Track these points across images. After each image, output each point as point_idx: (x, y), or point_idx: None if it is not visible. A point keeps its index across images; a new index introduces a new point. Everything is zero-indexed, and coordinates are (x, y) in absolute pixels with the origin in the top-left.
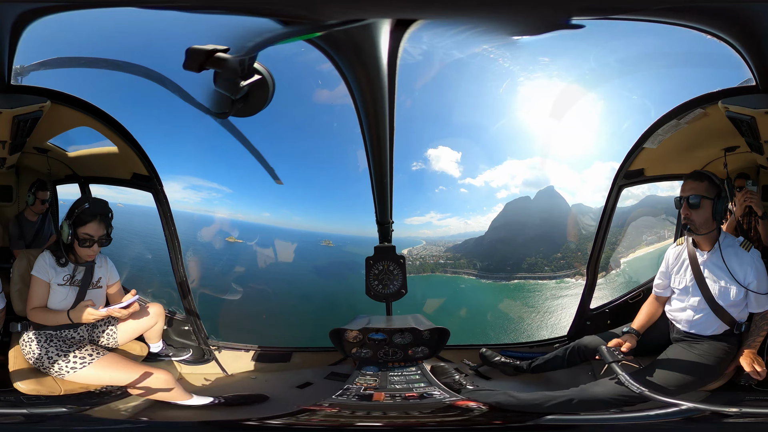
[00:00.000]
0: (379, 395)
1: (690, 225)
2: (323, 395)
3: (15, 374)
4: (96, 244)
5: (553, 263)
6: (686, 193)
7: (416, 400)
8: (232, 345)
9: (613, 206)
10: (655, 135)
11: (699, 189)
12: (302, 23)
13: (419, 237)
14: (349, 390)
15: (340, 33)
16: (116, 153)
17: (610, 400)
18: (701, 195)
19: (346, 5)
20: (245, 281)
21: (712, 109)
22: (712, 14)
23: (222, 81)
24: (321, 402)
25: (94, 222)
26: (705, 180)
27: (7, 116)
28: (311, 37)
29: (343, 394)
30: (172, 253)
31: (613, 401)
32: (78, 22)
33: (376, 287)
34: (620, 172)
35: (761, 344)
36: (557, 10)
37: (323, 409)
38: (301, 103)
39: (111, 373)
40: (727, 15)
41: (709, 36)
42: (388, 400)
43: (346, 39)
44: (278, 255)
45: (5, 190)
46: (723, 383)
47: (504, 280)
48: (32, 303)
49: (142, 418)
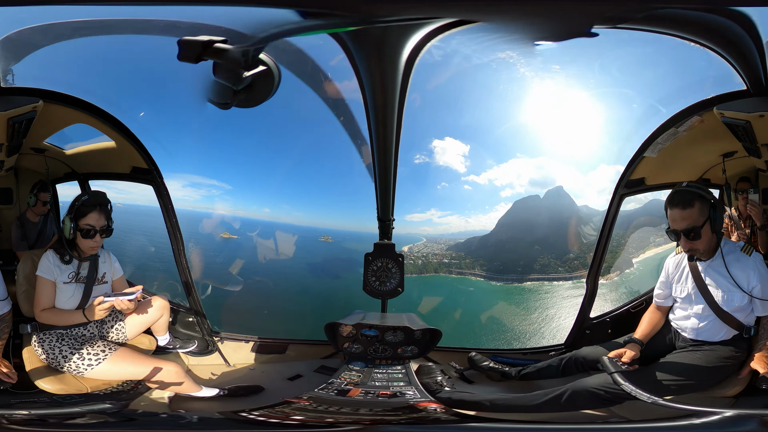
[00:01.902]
0: (356, 391)
1: (696, 255)
2: (309, 388)
3: (33, 373)
4: (98, 234)
5: (567, 264)
6: (681, 226)
7: (385, 399)
8: (233, 336)
9: (614, 215)
10: (655, 144)
11: (693, 216)
12: (341, 16)
13: (419, 234)
14: (332, 384)
15: (372, 28)
16: (114, 148)
17: (603, 394)
18: (698, 224)
19: (391, 5)
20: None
21: (708, 115)
22: (693, 23)
23: (222, 71)
24: (301, 395)
25: (94, 212)
26: (696, 202)
27: (1, 118)
28: (341, 30)
29: (325, 388)
30: (174, 246)
31: (606, 395)
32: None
33: (373, 283)
34: (621, 181)
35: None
36: (579, 20)
37: (300, 402)
38: (307, 96)
39: (127, 367)
40: (707, 24)
41: (695, 44)
42: (361, 396)
43: (376, 35)
44: (270, 251)
45: (5, 193)
46: (743, 388)
47: (516, 281)
48: (41, 304)
49: (164, 412)
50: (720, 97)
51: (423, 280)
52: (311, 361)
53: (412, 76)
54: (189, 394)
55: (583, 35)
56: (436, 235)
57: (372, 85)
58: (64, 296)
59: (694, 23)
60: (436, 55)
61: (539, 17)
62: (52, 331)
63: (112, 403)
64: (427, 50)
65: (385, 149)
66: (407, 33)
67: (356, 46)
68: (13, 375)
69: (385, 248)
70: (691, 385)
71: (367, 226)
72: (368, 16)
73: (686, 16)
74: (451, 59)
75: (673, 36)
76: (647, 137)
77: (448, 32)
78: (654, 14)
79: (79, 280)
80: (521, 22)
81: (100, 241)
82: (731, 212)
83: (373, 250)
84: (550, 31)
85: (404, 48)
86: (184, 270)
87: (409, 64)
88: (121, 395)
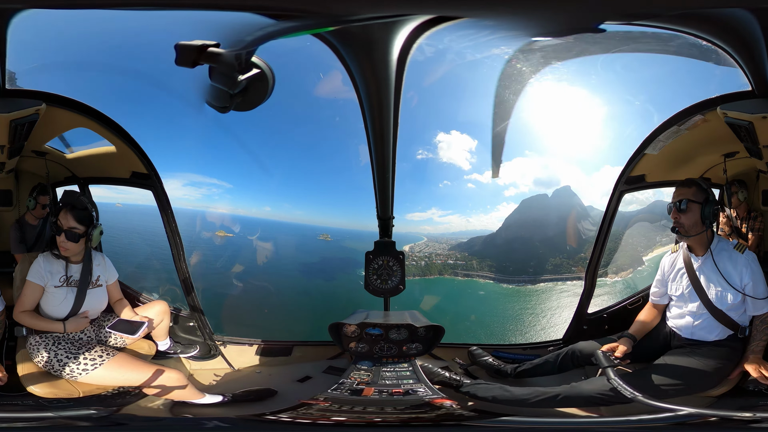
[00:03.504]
0: (369, 390)
1: (679, 228)
2: (320, 389)
3: (25, 378)
4: (64, 234)
5: (580, 263)
6: (675, 198)
7: (400, 397)
8: (236, 339)
9: (613, 212)
10: (656, 141)
11: (687, 194)
12: (316, 17)
13: (420, 233)
14: (344, 384)
15: (352, 27)
16: (114, 152)
17: (599, 398)
18: (689, 199)
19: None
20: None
21: (711, 115)
22: (705, 21)
23: (218, 75)
24: (317, 396)
25: (62, 212)
26: (693, 186)
27: (4, 120)
28: (321, 31)
29: (338, 389)
30: (174, 249)
31: (602, 399)
32: (67, 22)
33: (375, 282)
34: (621, 178)
35: (765, 348)
36: (579, 14)
37: (319, 403)
38: (302, 96)
39: (124, 373)
40: (719, 22)
41: (704, 42)
42: (376, 395)
43: (358, 33)
44: (263, 250)
45: (5, 195)
46: (729, 389)
47: (529, 283)
48: (23, 306)
49: (164, 416)
50: (724, 96)
51: (427, 283)
52: (318, 362)
53: (411, 75)
54: (191, 401)
55: (589, 31)
56: (437, 235)
57: (365, 83)
58: (55, 300)
59: (704, 20)
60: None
61: (544, 13)
62: (48, 335)
63: (101, 408)
64: (425, 45)
65: (383, 146)
66: (392, 30)
67: (342, 46)
68: (4, 377)
69: (386, 246)
70: (687, 389)
71: (367, 225)
72: (342, 15)
73: (698, 13)
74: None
75: (683, 33)
76: (648, 134)
77: (439, 27)
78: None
79: (71, 284)
80: (522, 17)
81: (68, 243)
82: (729, 213)
83: (374, 248)
84: (555, 26)
85: (393, 44)
86: (184, 273)
87: (401, 60)
88: (112, 400)
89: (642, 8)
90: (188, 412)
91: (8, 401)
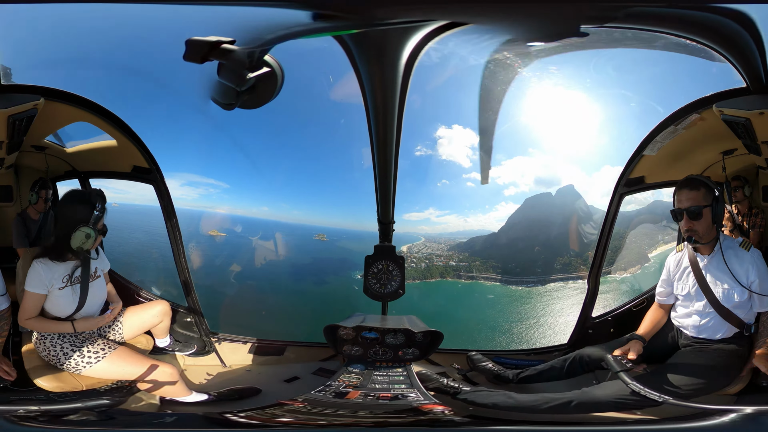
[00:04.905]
0: (355, 394)
1: (694, 236)
2: (306, 390)
3: (32, 371)
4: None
5: (589, 262)
6: (684, 205)
7: (386, 401)
8: (231, 337)
9: (614, 214)
10: (654, 142)
11: (697, 198)
12: (347, 18)
13: (417, 233)
14: (330, 387)
15: (371, 31)
16: (115, 146)
17: (616, 403)
18: (701, 205)
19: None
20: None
21: (708, 113)
22: (692, 22)
23: (227, 72)
24: (296, 397)
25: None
26: (701, 187)
27: (2, 116)
28: (345, 33)
29: (322, 391)
30: (174, 246)
31: (619, 404)
32: (73, 17)
33: (374, 286)
34: (621, 180)
35: None
36: (568, 19)
37: (295, 404)
38: (309, 97)
39: (124, 366)
40: (707, 22)
41: (693, 43)
42: (360, 399)
43: (375, 37)
44: (259, 249)
45: (5, 190)
46: (744, 386)
47: (539, 284)
48: (27, 314)
49: (153, 412)
50: (719, 94)
51: (429, 287)
52: (309, 364)
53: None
54: (177, 399)
55: (575, 35)
56: (435, 235)
57: (372, 87)
58: (63, 301)
59: (692, 21)
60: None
61: (529, 18)
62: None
63: (105, 401)
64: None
65: (385, 151)
66: (406, 35)
67: (358, 49)
68: (12, 372)
69: (386, 250)
70: (705, 388)
71: (365, 225)
72: (370, 19)
73: (684, 14)
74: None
75: (672, 35)
76: (646, 135)
77: (446, 33)
78: (645, 12)
79: (74, 281)
80: (512, 23)
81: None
82: (731, 210)
83: (374, 252)
84: (542, 31)
85: (403, 50)
86: (184, 270)
87: (408, 66)
88: (114, 393)
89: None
90: (173, 408)
91: (18, 396)
